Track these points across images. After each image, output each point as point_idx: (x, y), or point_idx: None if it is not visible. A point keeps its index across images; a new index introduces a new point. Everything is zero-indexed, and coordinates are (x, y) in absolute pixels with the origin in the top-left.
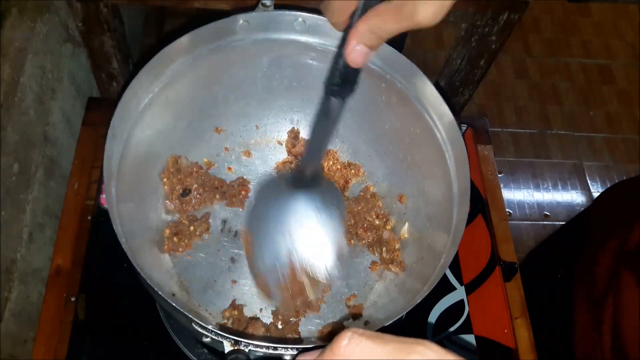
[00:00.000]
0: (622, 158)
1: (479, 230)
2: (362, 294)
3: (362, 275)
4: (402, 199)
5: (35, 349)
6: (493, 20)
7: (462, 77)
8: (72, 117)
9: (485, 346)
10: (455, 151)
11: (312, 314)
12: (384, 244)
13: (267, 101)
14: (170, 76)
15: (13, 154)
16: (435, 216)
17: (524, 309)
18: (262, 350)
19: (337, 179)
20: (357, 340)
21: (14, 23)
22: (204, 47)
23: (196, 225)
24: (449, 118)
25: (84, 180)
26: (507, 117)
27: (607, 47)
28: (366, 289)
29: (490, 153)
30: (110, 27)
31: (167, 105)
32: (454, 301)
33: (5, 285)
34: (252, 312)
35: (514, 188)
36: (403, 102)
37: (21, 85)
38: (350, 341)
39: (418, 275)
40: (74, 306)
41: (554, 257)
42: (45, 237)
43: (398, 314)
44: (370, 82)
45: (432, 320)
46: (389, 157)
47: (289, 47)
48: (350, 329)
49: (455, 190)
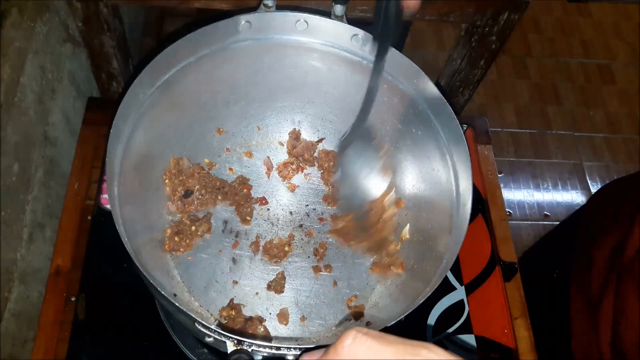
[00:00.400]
0: (622, 158)
1: (479, 230)
2: (363, 295)
3: (364, 276)
4: (400, 203)
5: (35, 349)
6: (493, 20)
7: (462, 77)
8: (72, 117)
9: (485, 346)
10: (457, 151)
11: (316, 319)
12: (384, 247)
13: (268, 102)
14: (171, 77)
15: (13, 154)
16: (437, 217)
17: (524, 309)
18: (265, 350)
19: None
20: (361, 340)
21: (14, 23)
22: (205, 47)
23: (197, 225)
24: (451, 118)
25: (84, 180)
26: (507, 117)
27: (607, 47)
28: (367, 290)
29: (490, 153)
30: (110, 27)
31: (169, 106)
32: (454, 301)
33: (5, 285)
34: (252, 312)
35: (514, 188)
36: (404, 103)
37: (21, 85)
38: (354, 341)
39: (420, 276)
40: (74, 306)
41: (550, 256)
42: (45, 237)
43: (400, 315)
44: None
45: (432, 320)
46: (391, 157)
47: (291, 48)
48: (354, 328)
49: (457, 190)
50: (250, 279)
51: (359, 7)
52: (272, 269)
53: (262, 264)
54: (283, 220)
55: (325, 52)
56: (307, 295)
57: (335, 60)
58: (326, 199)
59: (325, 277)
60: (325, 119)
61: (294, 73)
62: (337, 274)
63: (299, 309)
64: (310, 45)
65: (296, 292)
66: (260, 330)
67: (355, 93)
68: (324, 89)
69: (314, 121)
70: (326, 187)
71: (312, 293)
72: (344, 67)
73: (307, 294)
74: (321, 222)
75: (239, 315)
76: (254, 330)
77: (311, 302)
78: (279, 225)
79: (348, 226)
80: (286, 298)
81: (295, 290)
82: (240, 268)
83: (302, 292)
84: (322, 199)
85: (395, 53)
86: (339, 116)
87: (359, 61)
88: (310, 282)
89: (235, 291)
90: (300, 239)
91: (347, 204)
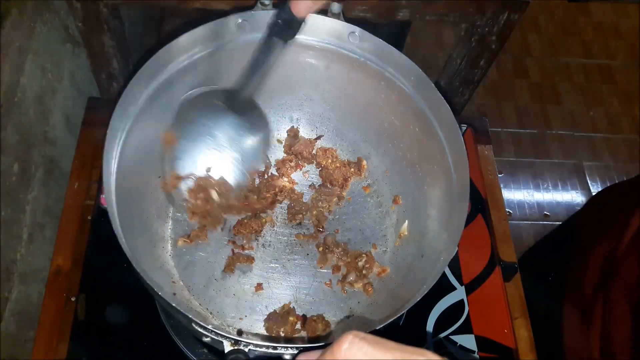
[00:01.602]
0: (622, 158)
1: (479, 230)
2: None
3: (363, 272)
4: (397, 200)
5: (35, 349)
6: (493, 20)
7: (462, 77)
8: (72, 117)
9: (485, 346)
10: (454, 149)
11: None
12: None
13: (266, 100)
14: (169, 76)
15: (13, 154)
16: (435, 214)
17: (524, 309)
18: (261, 350)
19: (337, 177)
20: (359, 344)
21: (14, 23)
22: (202, 46)
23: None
24: (449, 117)
25: (84, 180)
26: (507, 117)
27: (607, 47)
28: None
29: (490, 153)
30: (110, 27)
31: (167, 105)
32: (454, 301)
33: (5, 285)
34: (252, 311)
35: (514, 188)
36: (403, 101)
37: (21, 85)
38: (352, 345)
39: (418, 273)
40: (74, 306)
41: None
42: (45, 237)
43: (398, 312)
44: (370, 80)
45: (432, 320)
46: (389, 155)
47: (288, 46)
48: (351, 332)
49: (454, 188)
50: (249, 277)
51: (358, 6)
52: (270, 267)
53: (261, 261)
54: (282, 218)
55: (323, 49)
56: (306, 293)
57: (332, 58)
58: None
59: (325, 275)
60: (323, 116)
61: (291, 71)
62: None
63: (298, 307)
64: (308, 43)
65: (295, 290)
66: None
67: (353, 90)
68: (322, 87)
69: (311, 119)
70: (325, 184)
71: (311, 291)
72: (341, 64)
73: (307, 291)
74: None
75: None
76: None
77: (310, 299)
78: (278, 223)
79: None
80: (285, 296)
81: (294, 288)
82: (240, 266)
83: (301, 289)
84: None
85: (396, 52)
86: (337, 113)
87: (357, 59)
88: (310, 280)
89: (235, 289)
90: (299, 236)
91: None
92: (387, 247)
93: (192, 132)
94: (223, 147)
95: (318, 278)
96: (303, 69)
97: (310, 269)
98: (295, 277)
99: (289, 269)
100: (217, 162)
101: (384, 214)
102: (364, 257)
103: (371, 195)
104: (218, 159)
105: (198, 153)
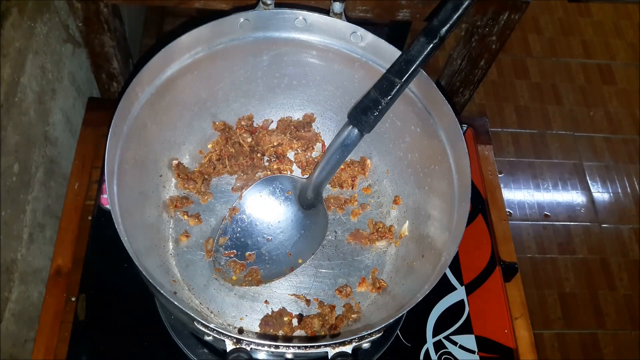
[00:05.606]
0: (622, 158)
1: (479, 230)
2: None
3: (363, 272)
4: (398, 200)
5: (35, 349)
6: (493, 20)
7: (462, 77)
8: (72, 117)
9: (485, 346)
10: (455, 149)
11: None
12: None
13: (267, 100)
14: (170, 75)
15: (13, 154)
16: (436, 214)
17: (524, 309)
18: (263, 349)
19: (345, 178)
20: None
21: (14, 23)
22: (204, 45)
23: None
24: (450, 116)
25: (84, 180)
26: (507, 117)
27: (607, 47)
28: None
29: (490, 153)
30: (110, 27)
31: (168, 104)
32: (454, 301)
33: (5, 285)
34: (253, 310)
35: (514, 188)
36: (404, 101)
37: (21, 85)
38: None
39: (418, 273)
40: (74, 306)
41: None
42: (45, 237)
43: (399, 313)
44: (372, 79)
45: (433, 321)
46: (389, 155)
47: (290, 46)
48: None
49: (456, 188)
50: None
51: (359, 7)
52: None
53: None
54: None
55: (324, 49)
56: (306, 293)
57: (334, 58)
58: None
59: (325, 275)
60: (324, 116)
61: (293, 70)
62: (337, 271)
63: (298, 306)
64: (309, 43)
65: (295, 289)
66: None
67: (354, 90)
68: (323, 87)
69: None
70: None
71: (311, 291)
72: (342, 64)
73: (307, 291)
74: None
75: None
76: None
77: (310, 299)
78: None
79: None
80: (286, 296)
81: (295, 288)
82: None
83: (302, 289)
84: None
85: (397, 52)
86: (338, 113)
87: (358, 58)
88: (310, 280)
89: (235, 288)
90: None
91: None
92: (387, 248)
93: (254, 210)
94: (277, 235)
95: (318, 278)
96: (304, 69)
97: (311, 269)
98: (296, 277)
99: None
100: (264, 247)
101: (384, 214)
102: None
103: (372, 196)
104: (265, 246)
105: (248, 237)
